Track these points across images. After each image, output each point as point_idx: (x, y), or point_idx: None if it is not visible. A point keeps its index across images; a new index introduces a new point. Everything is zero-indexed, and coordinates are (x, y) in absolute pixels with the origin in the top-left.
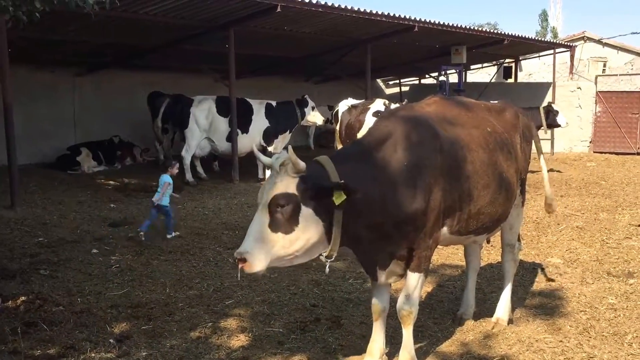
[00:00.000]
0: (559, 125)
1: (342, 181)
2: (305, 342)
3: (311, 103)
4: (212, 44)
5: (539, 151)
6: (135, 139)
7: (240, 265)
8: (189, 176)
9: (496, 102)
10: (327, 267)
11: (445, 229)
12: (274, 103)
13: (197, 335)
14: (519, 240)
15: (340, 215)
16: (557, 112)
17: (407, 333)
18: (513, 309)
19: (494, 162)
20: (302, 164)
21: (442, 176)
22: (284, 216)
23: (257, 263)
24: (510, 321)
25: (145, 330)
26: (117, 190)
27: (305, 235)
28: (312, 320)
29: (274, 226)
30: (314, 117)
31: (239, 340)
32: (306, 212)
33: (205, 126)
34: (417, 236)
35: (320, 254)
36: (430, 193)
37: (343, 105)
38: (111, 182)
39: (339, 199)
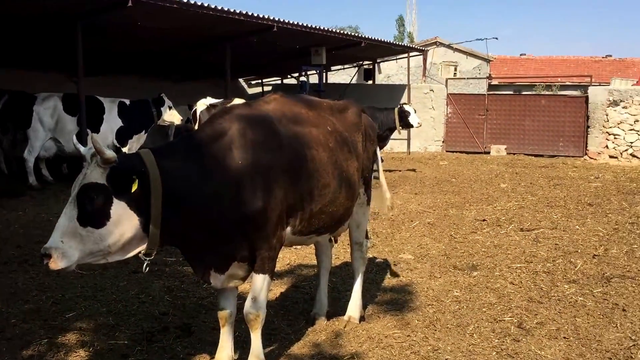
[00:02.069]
0: (411, 126)
1: (143, 169)
2: (151, 354)
3: (168, 102)
4: (60, 39)
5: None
6: None
7: (45, 262)
8: (32, 179)
9: (340, 101)
10: (145, 265)
11: (288, 229)
12: (127, 101)
13: (29, 354)
14: (367, 237)
15: (157, 210)
16: (409, 112)
17: (255, 337)
18: (365, 306)
19: (335, 161)
20: (109, 154)
21: (281, 175)
22: (93, 209)
23: (63, 259)
24: (362, 318)
25: None
26: None
27: (118, 230)
28: (161, 330)
29: (83, 219)
30: (171, 117)
31: (78, 356)
32: (118, 205)
33: (50, 125)
34: (258, 237)
35: (140, 252)
36: (269, 192)
37: (201, 105)
38: None
39: (134, 185)
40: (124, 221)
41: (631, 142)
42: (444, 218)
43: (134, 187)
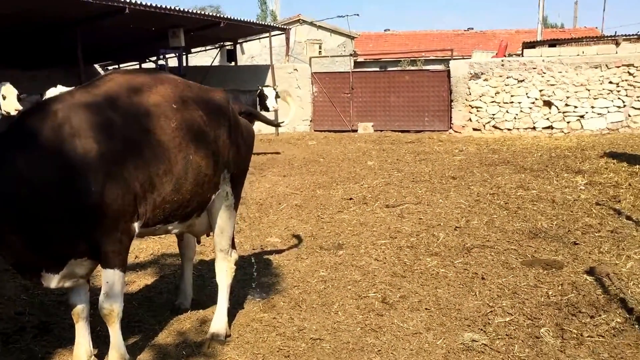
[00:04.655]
0: (269, 109)
1: None
2: (7, 355)
3: (14, 91)
4: None
5: None
6: None
7: None
8: None
9: (206, 86)
10: None
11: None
12: None
13: None
14: (234, 247)
15: None
16: (267, 96)
17: (113, 331)
18: (232, 291)
19: (178, 145)
20: None
21: (117, 164)
22: None
23: None
24: (227, 336)
25: None
26: None
27: None
28: (17, 330)
29: None
30: (9, 106)
31: None
32: None
33: None
34: (99, 232)
35: None
36: (106, 183)
37: (51, 93)
38: None
39: None
40: None
41: (493, 114)
42: (312, 199)
43: None
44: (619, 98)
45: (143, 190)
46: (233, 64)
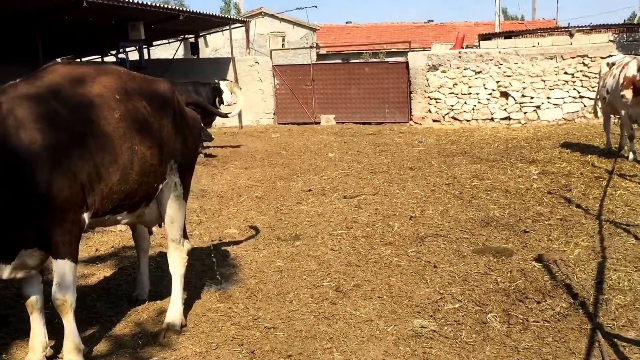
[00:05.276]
0: (223, 103)
1: None
2: None
3: None
4: None
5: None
6: None
7: None
8: None
9: (150, 77)
10: None
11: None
12: None
13: None
14: (186, 237)
15: None
16: (222, 90)
17: (67, 322)
18: (189, 282)
19: (123, 134)
20: None
21: (62, 154)
22: None
23: None
24: (182, 326)
25: None
26: None
27: None
28: None
29: None
30: None
31: None
32: None
33: None
34: (47, 222)
35: None
36: (50, 173)
37: None
38: None
39: None
40: None
41: (452, 106)
42: (272, 191)
43: None
44: (574, 89)
45: (90, 181)
46: (196, 57)
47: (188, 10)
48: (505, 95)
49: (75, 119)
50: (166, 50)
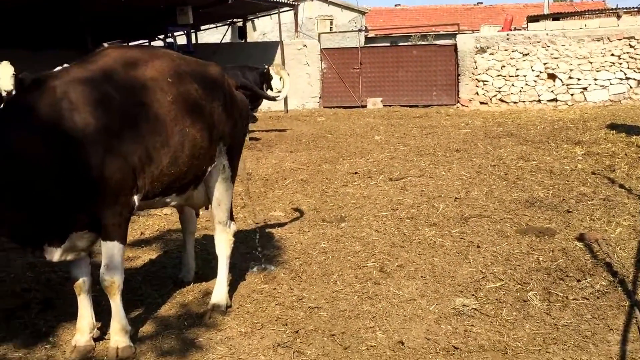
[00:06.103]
0: (272, 89)
1: None
2: (11, 330)
3: (9, 70)
4: None
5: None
6: None
7: None
8: None
9: (201, 60)
10: None
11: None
12: None
13: None
14: (233, 220)
15: None
16: (271, 77)
17: (115, 303)
18: (234, 265)
19: (174, 117)
20: None
21: (116, 137)
22: None
23: None
24: (227, 307)
25: None
26: None
27: None
28: (21, 306)
29: None
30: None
31: None
32: None
33: None
34: (100, 205)
35: None
36: (105, 157)
37: None
38: None
39: None
40: None
41: (499, 88)
42: (317, 174)
43: None
44: (620, 70)
45: (141, 163)
46: (243, 41)
47: None
48: (552, 77)
49: (128, 102)
50: (213, 34)
